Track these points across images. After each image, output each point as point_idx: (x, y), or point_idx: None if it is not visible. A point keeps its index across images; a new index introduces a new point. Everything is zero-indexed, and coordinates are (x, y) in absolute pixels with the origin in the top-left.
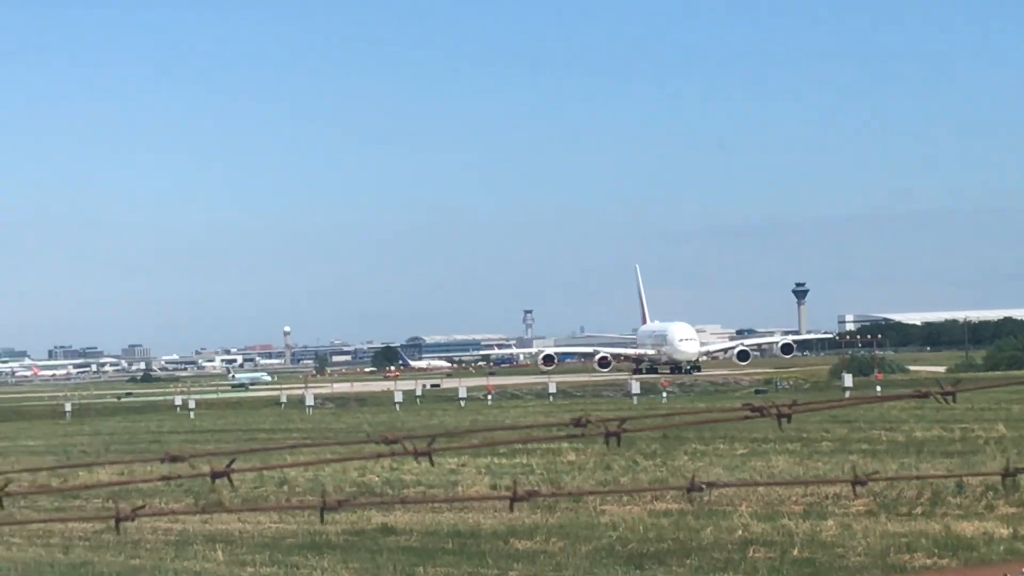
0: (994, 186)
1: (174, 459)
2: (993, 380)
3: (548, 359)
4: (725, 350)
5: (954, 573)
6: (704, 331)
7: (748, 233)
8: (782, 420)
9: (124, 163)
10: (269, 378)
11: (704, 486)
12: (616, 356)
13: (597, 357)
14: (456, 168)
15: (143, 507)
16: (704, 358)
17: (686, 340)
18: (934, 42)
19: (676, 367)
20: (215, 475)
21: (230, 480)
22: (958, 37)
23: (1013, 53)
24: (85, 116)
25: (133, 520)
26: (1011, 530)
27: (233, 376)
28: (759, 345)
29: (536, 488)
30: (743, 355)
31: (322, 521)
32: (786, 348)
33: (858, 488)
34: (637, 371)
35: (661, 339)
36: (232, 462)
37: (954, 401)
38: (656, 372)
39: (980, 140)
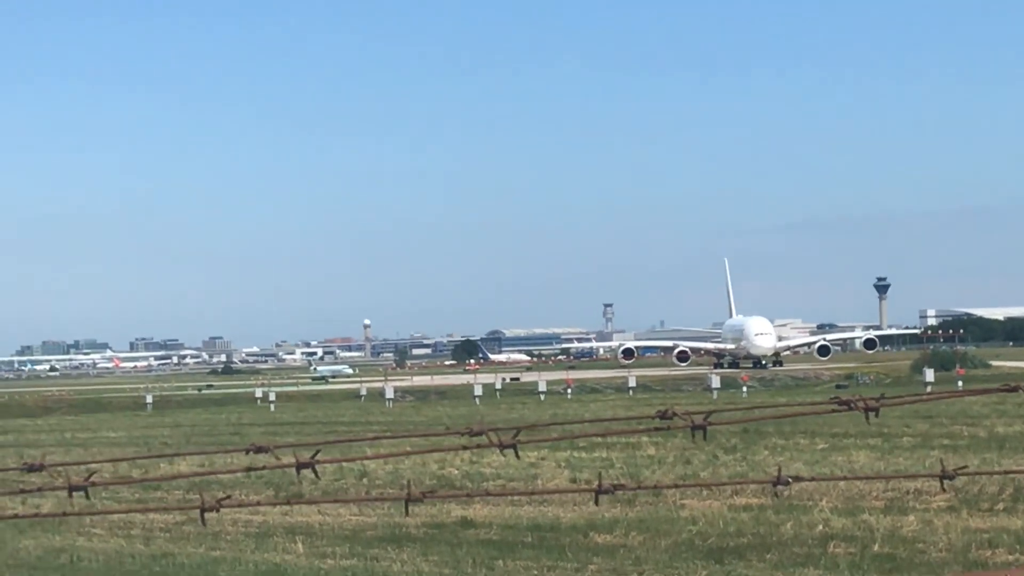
0: None
1: (259, 450)
2: None
3: (628, 352)
4: (806, 345)
5: None
6: (785, 326)
7: (830, 227)
8: (869, 414)
9: (205, 158)
10: (351, 371)
11: (790, 480)
12: (695, 350)
13: (676, 351)
14: (538, 162)
15: (228, 497)
16: (786, 352)
17: (761, 335)
18: (1009, 34)
19: (757, 362)
20: (300, 466)
21: (315, 471)
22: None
23: None
24: (168, 112)
25: (218, 511)
26: None
27: (315, 369)
28: (840, 340)
29: (618, 482)
30: (824, 350)
31: (406, 513)
32: (869, 343)
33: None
34: (718, 365)
35: (739, 333)
36: (317, 453)
37: None
38: (737, 367)
39: None
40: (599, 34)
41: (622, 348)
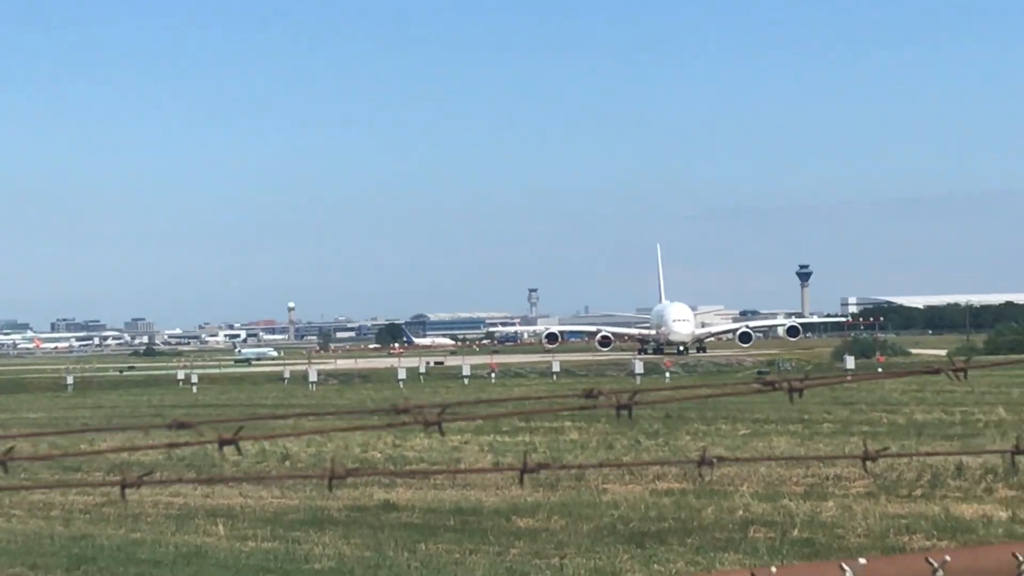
0: (998, 171)
1: (181, 426)
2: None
3: (552, 337)
4: (729, 332)
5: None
6: (708, 312)
7: (753, 215)
8: (793, 394)
9: (130, 137)
10: (276, 353)
11: (715, 460)
12: (618, 336)
13: (598, 336)
14: (464, 146)
15: (149, 474)
16: (710, 339)
17: (679, 320)
18: (939, 27)
19: (684, 347)
20: (223, 443)
21: (238, 448)
22: (962, 25)
23: (1013, 42)
24: (88, 90)
25: (139, 487)
26: (1010, 513)
27: (240, 351)
28: (763, 327)
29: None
30: (745, 337)
31: (329, 490)
32: (792, 331)
33: (859, 470)
34: (642, 351)
35: (660, 319)
36: (240, 429)
37: (965, 378)
38: (662, 352)
39: (983, 125)
40: (524, 16)
41: (546, 333)
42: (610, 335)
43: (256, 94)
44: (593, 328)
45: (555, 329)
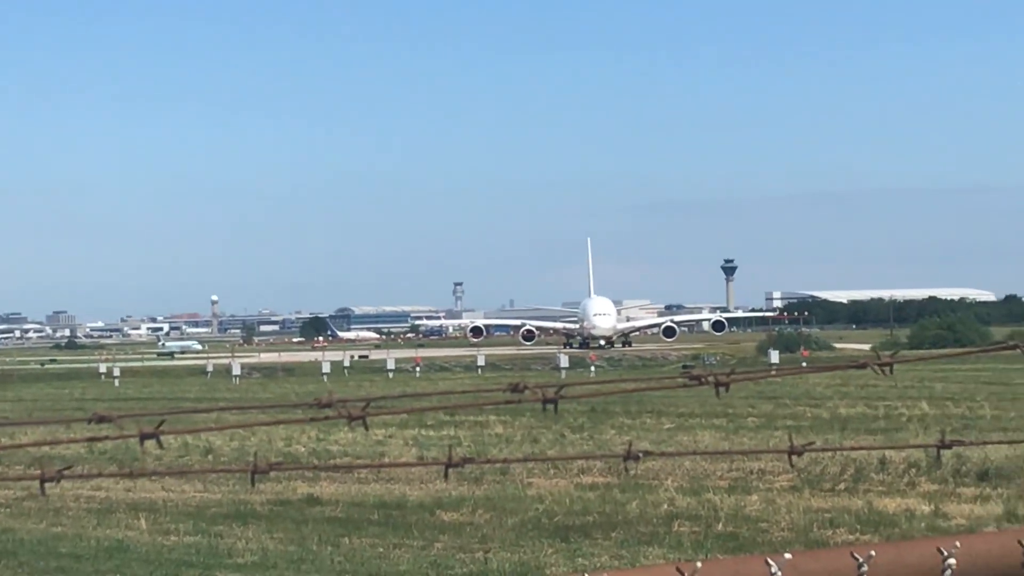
0: (922, 168)
1: (101, 419)
2: (928, 354)
3: (476, 331)
4: (653, 326)
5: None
6: (633, 307)
7: (679, 210)
8: (720, 389)
9: (50, 128)
10: (200, 347)
11: (641, 454)
12: (542, 330)
13: (522, 330)
14: (388, 139)
15: (69, 468)
16: (635, 333)
17: (599, 315)
18: (864, 23)
19: (609, 341)
20: (144, 436)
21: (159, 441)
22: (889, 22)
23: (938, 37)
24: (11, 78)
25: (58, 481)
26: (933, 507)
27: (164, 344)
28: (689, 322)
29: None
30: (669, 331)
31: (252, 485)
32: (717, 325)
33: (783, 464)
34: (568, 345)
35: (583, 313)
36: (162, 423)
37: (892, 372)
38: (588, 347)
39: (906, 121)
40: (441, 7)
41: (471, 327)
42: (533, 329)
43: (176, 86)
44: (518, 322)
45: (480, 323)
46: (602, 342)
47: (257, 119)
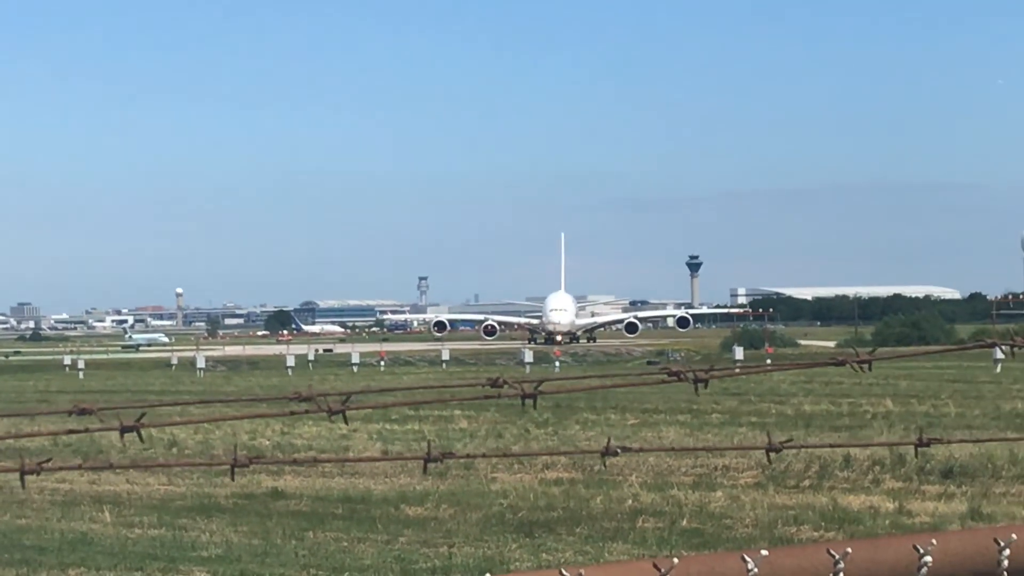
0: (887, 164)
1: (83, 412)
2: (907, 351)
3: (440, 325)
4: (615, 322)
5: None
6: (599, 303)
7: (644, 206)
8: (698, 384)
9: (14, 119)
10: (167, 339)
11: (619, 450)
12: (505, 324)
13: (483, 325)
14: (353, 132)
15: (48, 461)
16: (600, 329)
17: (556, 310)
18: (831, 17)
19: (573, 337)
20: (124, 429)
21: (139, 435)
22: (846, 17)
23: (909, 36)
24: None
25: (38, 474)
26: (897, 504)
27: (130, 337)
28: (653, 317)
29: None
30: (631, 327)
31: (232, 479)
32: (682, 322)
33: (747, 460)
34: (532, 340)
35: (543, 308)
36: (143, 416)
37: (870, 369)
38: (555, 342)
39: (871, 118)
40: (424, 3)
41: (434, 321)
42: (495, 324)
43: (142, 77)
44: (482, 317)
45: (443, 318)
46: (558, 337)
47: (224, 113)
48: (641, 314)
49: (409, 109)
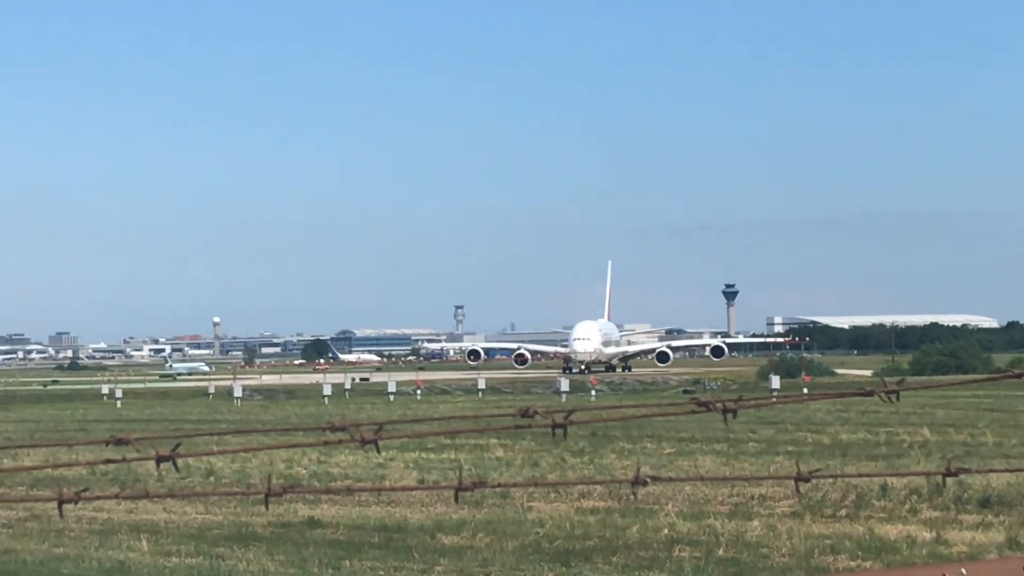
0: (923, 193)
1: (119, 442)
2: (936, 381)
3: (474, 354)
4: (647, 351)
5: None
6: (634, 330)
7: (681, 234)
8: (727, 415)
9: (54, 148)
10: (207, 368)
11: (648, 480)
12: (536, 353)
13: (514, 354)
14: (391, 163)
15: (86, 490)
16: (637, 358)
17: (580, 339)
18: (865, 46)
19: (609, 366)
20: (160, 459)
21: (175, 464)
22: (894, 45)
23: (942, 66)
24: (11, 98)
25: (76, 503)
26: (934, 534)
27: (171, 366)
28: (688, 346)
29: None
30: (662, 356)
31: (267, 507)
32: (717, 351)
33: (784, 489)
34: (567, 369)
35: (570, 337)
36: (178, 446)
37: (898, 399)
38: (585, 372)
39: (908, 146)
40: (452, 28)
41: (469, 350)
42: (526, 353)
43: (182, 108)
44: (515, 345)
45: (478, 346)
46: (583, 367)
47: (262, 142)
48: (675, 343)
49: (444, 137)
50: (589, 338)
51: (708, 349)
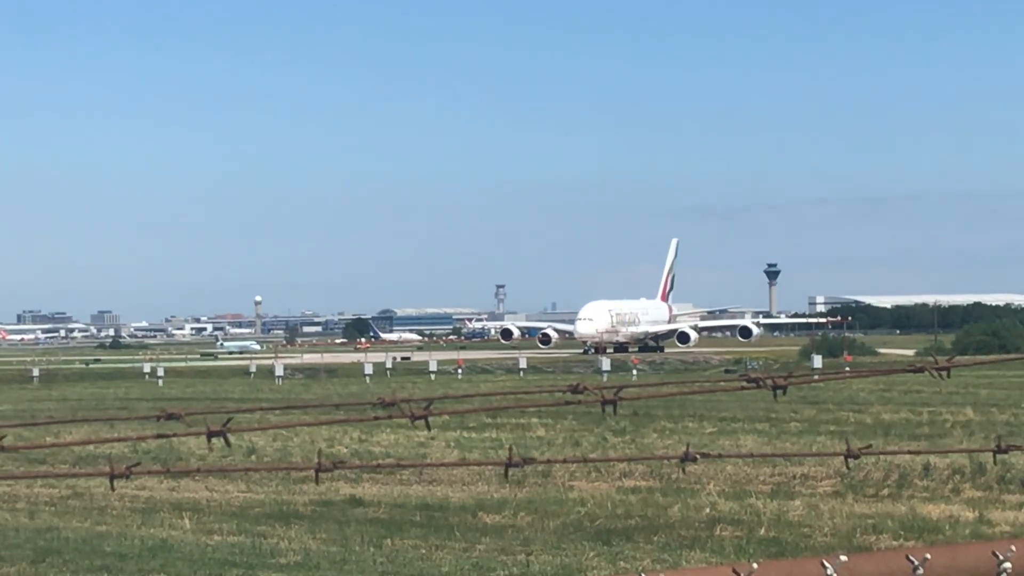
0: (966, 172)
1: (170, 417)
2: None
3: (506, 333)
4: (668, 333)
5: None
6: (682, 313)
7: (723, 214)
8: (777, 392)
9: (96, 128)
10: (258, 347)
11: (698, 457)
12: (565, 333)
13: (540, 334)
14: (432, 141)
15: (138, 464)
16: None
17: (582, 320)
18: (909, 24)
19: (644, 345)
20: (211, 434)
21: (226, 439)
22: (934, 23)
23: (986, 43)
24: (60, 78)
25: (128, 478)
26: (977, 513)
27: (222, 344)
28: (720, 327)
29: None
30: (683, 337)
31: (317, 483)
32: (744, 332)
33: (825, 469)
34: (586, 350)
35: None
36: (229, 421)
37: (948, 376)
38: (626, 350)
39: (951, 126)
40: (487, 6)
41: (501, 329)
42: (550, 333)
43: (219, 88)
44: (545, 325)
45: (510, 325)
46: (588, 347)
47: (301, 122)
48: (702, 324)
49: (487, 115)
50: (591, 319)
51: (738, 330)
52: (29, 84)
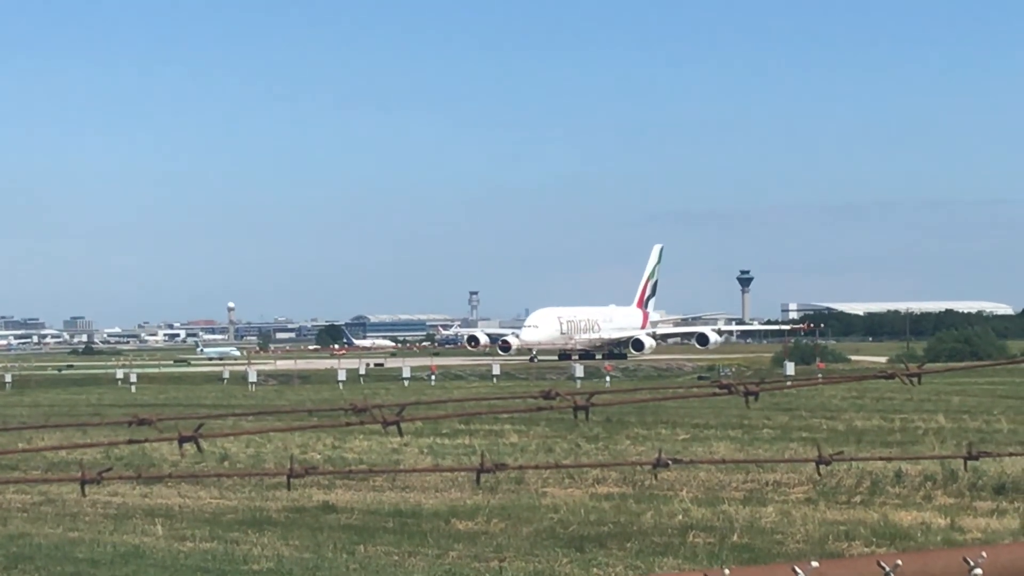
0: (939, 180)
1: (142, 422)
2: (957, 366)
3: (472, 340)
4: (622, 341)
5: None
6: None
7: (696, 220)
8: (749, 398)
9: (66, 134)
10: (238, 353)
11: (671, 463)
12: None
13: (500, 340)
14: (405, 147)
15: (109, 469)
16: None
17: (528, 327)
18: (882, 32)
19: (610, 352)
20: (183, 439)
21: (199, 445)
22: (900, 32)
23: (959, 53)
24: (27, 85)
25: (99, 483)
26: (948, 520)
27: (202, 350)
28: (678, 333)
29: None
30: (638, 344)
31: (288, 489)
32: (702, 339)
33: (798, 475)
34: (564, 355)
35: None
36: (200, 426)
37: (919, 382)
38: (593, 357)
39: (924, 134)
40: (472, 13)
41: (468, 336)
42: (510, 340)
43: (191, 93)
44: (509, 331)
45: (478, 332)
46: (533, 355)
47: (274, 126)
48: (661, 331)
49: (459, 121)
50: (537, 326)
51: (694, 337)
52: None
